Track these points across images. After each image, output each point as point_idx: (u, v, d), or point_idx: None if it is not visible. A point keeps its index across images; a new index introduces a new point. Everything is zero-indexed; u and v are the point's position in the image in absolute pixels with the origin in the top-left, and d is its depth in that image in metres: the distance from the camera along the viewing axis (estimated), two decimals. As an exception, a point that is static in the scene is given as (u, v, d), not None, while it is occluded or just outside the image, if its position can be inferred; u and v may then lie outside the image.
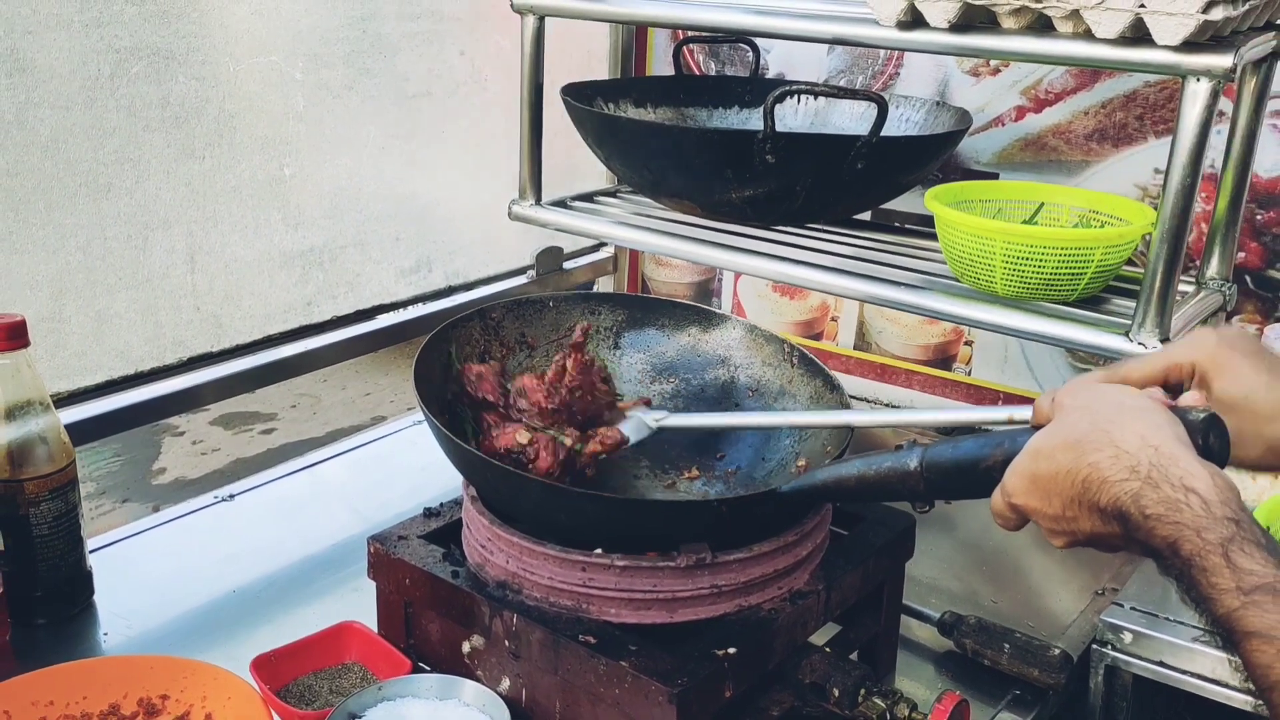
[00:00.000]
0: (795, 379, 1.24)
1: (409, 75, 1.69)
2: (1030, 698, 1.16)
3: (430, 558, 1.09)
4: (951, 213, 1.31)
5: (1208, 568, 0.70)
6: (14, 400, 1.17)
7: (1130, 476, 0.74)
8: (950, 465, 0.90)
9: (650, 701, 0.91)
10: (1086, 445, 0.77)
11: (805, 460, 1.16)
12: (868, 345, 1.88)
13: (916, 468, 0.91)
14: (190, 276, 1.46)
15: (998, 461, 0.85)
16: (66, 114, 1.31)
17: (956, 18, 1.21)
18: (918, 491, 0.93)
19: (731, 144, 1.41)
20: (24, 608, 1.21)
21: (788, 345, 1.26)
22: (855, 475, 0.96)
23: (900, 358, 1.83)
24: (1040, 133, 1.63)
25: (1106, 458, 0.75)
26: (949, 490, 0.93)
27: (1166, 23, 1.09)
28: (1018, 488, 0.81)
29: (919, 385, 1.83)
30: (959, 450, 0.90)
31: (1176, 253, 1.16)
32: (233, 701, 1.05)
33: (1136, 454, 0.74)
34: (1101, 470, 0.75)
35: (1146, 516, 0.72)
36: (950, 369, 1.79)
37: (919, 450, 0.92)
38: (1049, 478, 0.78)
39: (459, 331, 1.18)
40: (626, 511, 1.05)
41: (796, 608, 1.02)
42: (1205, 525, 0.71)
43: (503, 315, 1.23)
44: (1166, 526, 0.72)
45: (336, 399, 4.62)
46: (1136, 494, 0.73)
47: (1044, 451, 0.79)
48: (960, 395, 1.79)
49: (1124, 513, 0.74)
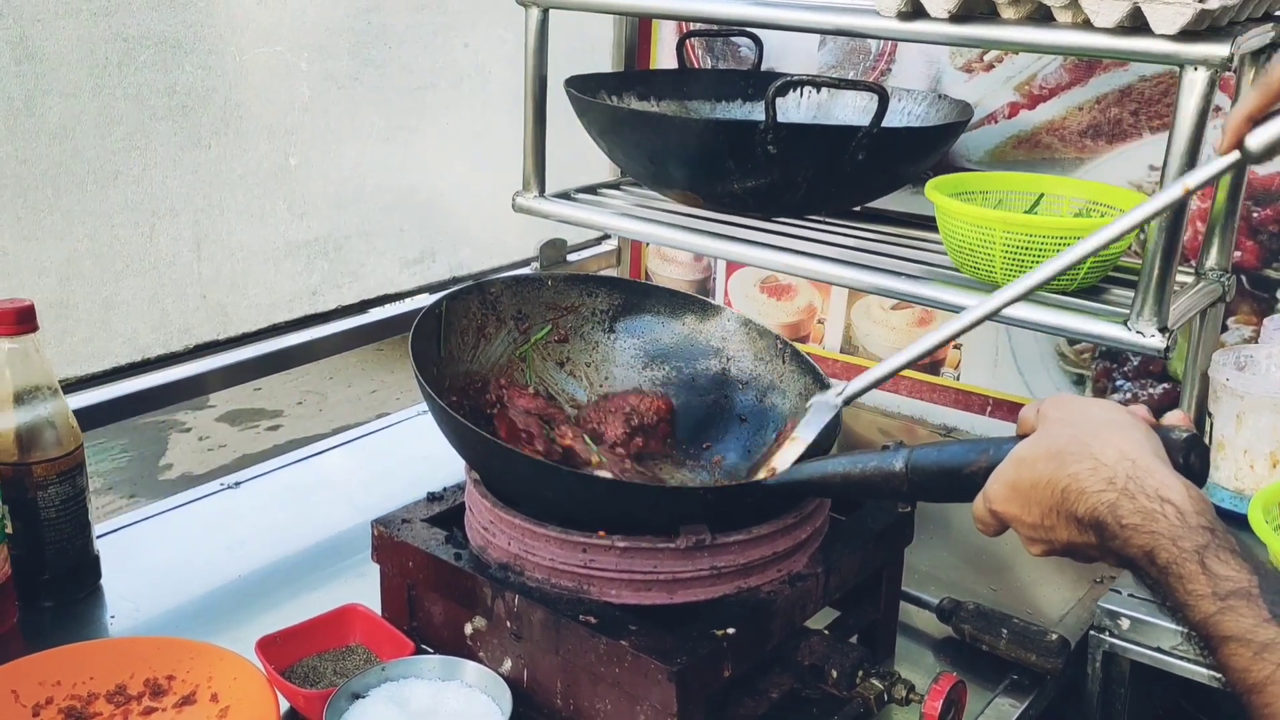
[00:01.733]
0: (786, 375, 1.24)
1: (414, 67, 1.70)
2: (1028, 682, 1.16)
3: (433, 540, 1.10)
4: (952, 202, 1.32)
5: (1184, 575, 0.71)
6: (23, 384, 1.18)
7: (1107, 488, 0.76)
8: (935, 469, 0.92)
9: (650, 680, 0.92)
10: (1067, 456, 0.79)
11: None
12: (854, 349, 1.86)
13: (902, 469, 0.93)
14: (197, 264, 1.48)
15: (981, 468, 0.87)
16: (74, 102, 1.33)
17: (956, 8, 1.22)
18: (901, 492, 0.94)
19: (734, 135, 1.42)
20: (31, 590, 1.22)
21: (780, 341, 1.26)
22: (841, 473, 0.98)
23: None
24: (1034, 129, 1.62)
25: (1085, 469, 0.77)
26: (932, 493, 0.95)
27: (1164, 11, 1.10)
28: (999, 494, 0.83)
29: (906, 390, 1.81)
30: (944, 454, 0.92)
31: (1174, 242, 1.17)
32: (238, 681, 1.06)
33: (1114, 466, 0.77)
34: (1080, 481, 0.77)
35: (1123, 526, 0.75)
36: (939, 374, 1.78)
37: (905, 452, 0.94)
38: (1030, 486, 0.81)
39: (457, 304, 1.19)
40: (613, 493, 1.05)
41: (795, 590, 1.03)
42: (1180, 534, 0.72)
43: (501, 291, 1.24)
44: (1143, 536, 0.74)
45: (342, 396, 4.64)
46: (1113, 504, 0.75)
47: (1026, 460, 0.82)
48: (949, 400, 1.77)
49: (1100, 522, 0.76)
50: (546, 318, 1.27)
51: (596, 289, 1.30)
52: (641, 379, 1.28)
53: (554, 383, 1.26)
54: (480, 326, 1.22)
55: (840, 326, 1.87)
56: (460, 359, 1.19)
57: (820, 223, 1.55)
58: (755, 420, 1.24)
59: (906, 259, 1.43)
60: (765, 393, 1.25)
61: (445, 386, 1.14)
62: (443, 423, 1.06)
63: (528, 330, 1.25)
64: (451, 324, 1.18)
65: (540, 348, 1.26)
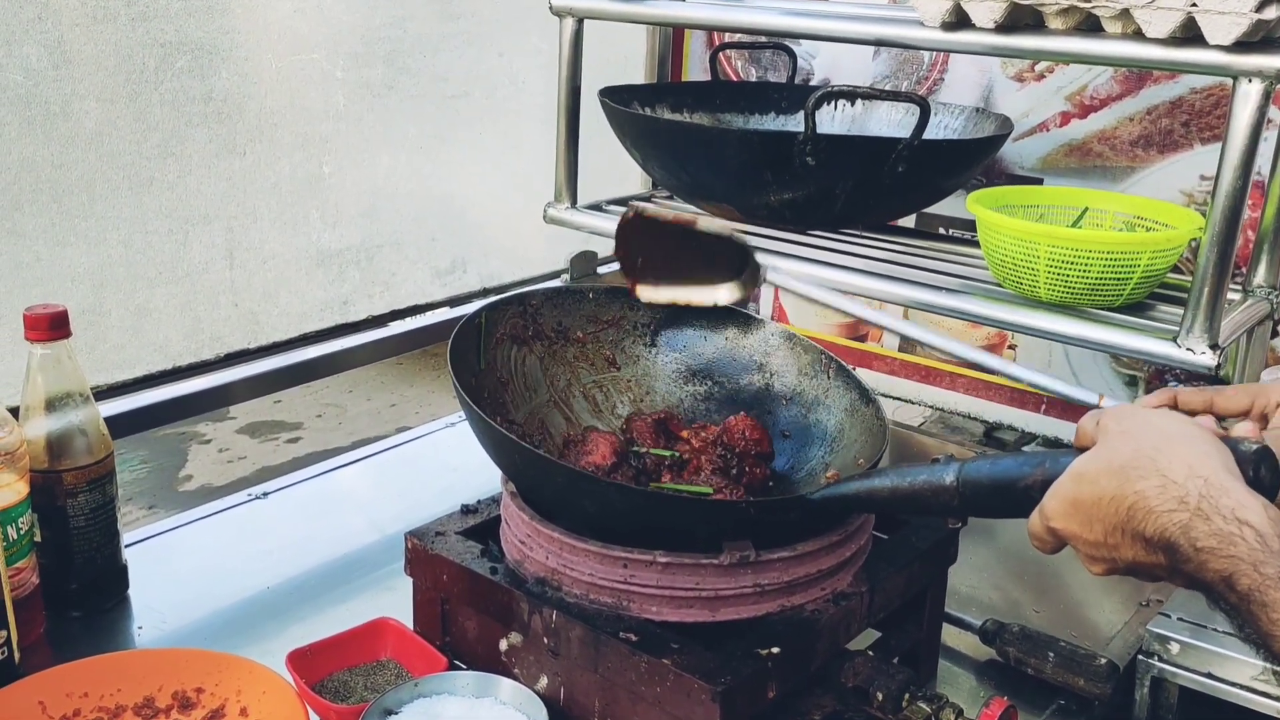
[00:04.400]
0: (831, 390, 1.22)
1: (448, 75, 1.69)
2: (1075, 708, 1.13)
3: (468, 554, 1.08)
4: (995, 216, 1.29)
5: (1268, 603, 0.68)
6: (55, 391, 1.17)
7: (1179, 507, 0.72)
8: (988, 483, 0.89)
9: (693, 700, 0.90)
10: (1132, 472, 0.75)
11: (836, 471, 1.15)
12: (912, 347, 1.87)
13: (952, 483, 0.90)
14: (229, 272, 1.47)
15: (1037, 482, 0.84)
16: (111, 107, 1.32)
17: (1003, 18, 1.20)
18: (951, 507, 0.91)
19: (772, 146, 1.40)
20: (59, 600, 1.21)
21: (825, 356, 1.24)
22: (888, 487, 0.95)
23: (944, 360, 1.82)
24: (1085, 139, 1.61)
25: (1153, 486, 0.74)
26: (985, 509, 0.91)
27: (1219, 22, 1.08)
28: (1058, 511, 0.80)
29: (963, 388, 1.82)
30: (997, 468, 0.89)
31: (1226, 257, 1.14)
32: (268, 695, 1.04)
33: (1184, 484, 0.73)
34: (1148, 499, 0.74)
35: (1198, 549, 0.71)
36: (993, 373, 1.79)
37: (956, 465, 0.90)
38: (1091, 503, 0.77)
39: (497, 314, 1.18)
40: (652, 504, 1.03)
41: (839, 609, 1.01)
42: (1262, 559, 0.69)
43: (541, 303, 1.23)
44: (1220, 560, 0.70)
45: (362, 409, 4.63)
46: (1186, 525, 0.72)
47: (1087, 476, 0.78)
48: (1003, 398, 1.78)
49: (1172, 544, 0.72)
50: (588, 331, 1.25)
51: (638, 301, 1.28)
52: (683, 395, 1.26)
53: (597, 399, 1.25)
54: (518, 337, 1.20)
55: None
56: (500, 369, 1.17)
57: (855, 235, 1.53)
58: (799, 436, 1.21)
59: (946, 273, 1.41)
60: (810, 408, 1.23)
61: (484, 397, 1.13)
62: (481, 432, 1.04)
63: (568, 348, 1.24)
64: (490, 333, 1.16)
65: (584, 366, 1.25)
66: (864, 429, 1.17)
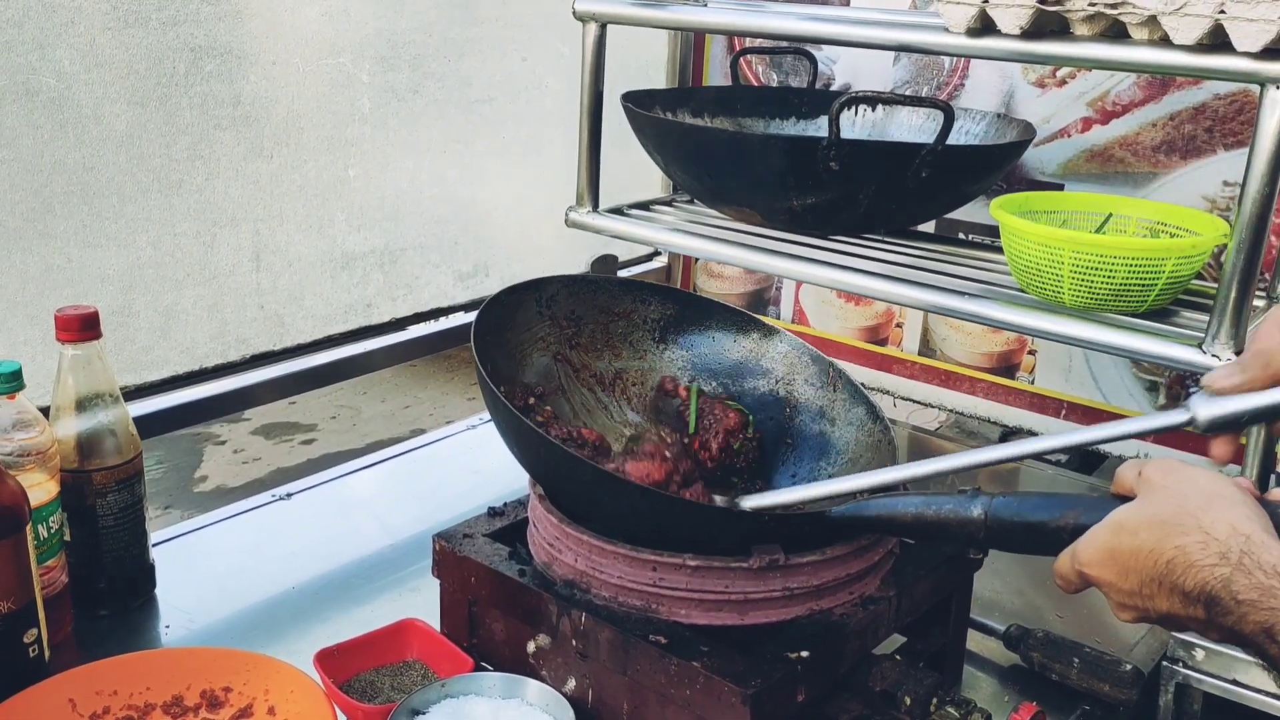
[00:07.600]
0: (837, 403, 1.23)
1: (472, 80, 1.70)
2: (1100, 713, 1.13)
3: (496, 556, 1.09)
4: (1019, 221, 1.29)
5: None
6: (85, 391, 1.18)
7: (1220, 562, 0.74)
8: (1017, 521, 0.89)
9: (723, 703, 0.90)
10: (1173, 528, 0.77)
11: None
12: (932, 351, 1.87)
13: (980, 516, 0.90)
14: (255, 274, 1.48)
15: (1068, 526, 0.85)
16: (142, 110, 1.33)
17: (1029, 24, 1.20)
18: (976, 539, 0.91)
19: (795, 150, 1.40)
20: (88, 599, 1.22)
21: (833, 369, 1.25)
22: (912, 513, 0.94)
23: (964, 365, 1.82)
24: (1107, 144, 1.61)
25: (1194, 542, 0.75)
26: (1009, 544, 0.91)
27: (1247, 28, 1.08)
28: (1094, 559, 0.81)
29: (983, 393, 1.82)
30: (1027, 506, 0.89)
31: (1253, 263, 1.14)
32: (295, 695, 1.05)
33: (1227, 541, 0.74)
34: (1189, 554, 0.75)
35: (1239, 602, 0.72)
36: (1014, 377, 1.79)
37: (984, 499, 0.90)
38: (1129, 554, 0.78)
39: (514, 298, 1.20)
40: (675, 510, 1.03)
41: (868, 613, 1.01)
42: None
43: (557, 290, 1.24)
44: (1261, 612, 0.72)
45: (376, 411, 4.64)
46: (1228, 579, 0.73)
47: (1127, 527, 0.79)
48: (1023, 404, 1.79)
49: (1214, 597, 0.74)
50: (599, 320, 1.26)
51: (650, 297, 1.29)
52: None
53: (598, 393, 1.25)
54: (531, 324, 1.21)
55: (918, 330, 1.88)
56: (519, 362, 1.18)
57: (876, 240, 1.53)
58: (801, 445, 1.22)
59: (968, 278, 1.41)
60: (814, 418, 1.23)
61: (507, 393, 1.13)
62: (506, 429, 1.04)
63: (577, 338, 1.24)
64: (508, 320, 1.18)
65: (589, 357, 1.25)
66: (872, 447, 1.18)
